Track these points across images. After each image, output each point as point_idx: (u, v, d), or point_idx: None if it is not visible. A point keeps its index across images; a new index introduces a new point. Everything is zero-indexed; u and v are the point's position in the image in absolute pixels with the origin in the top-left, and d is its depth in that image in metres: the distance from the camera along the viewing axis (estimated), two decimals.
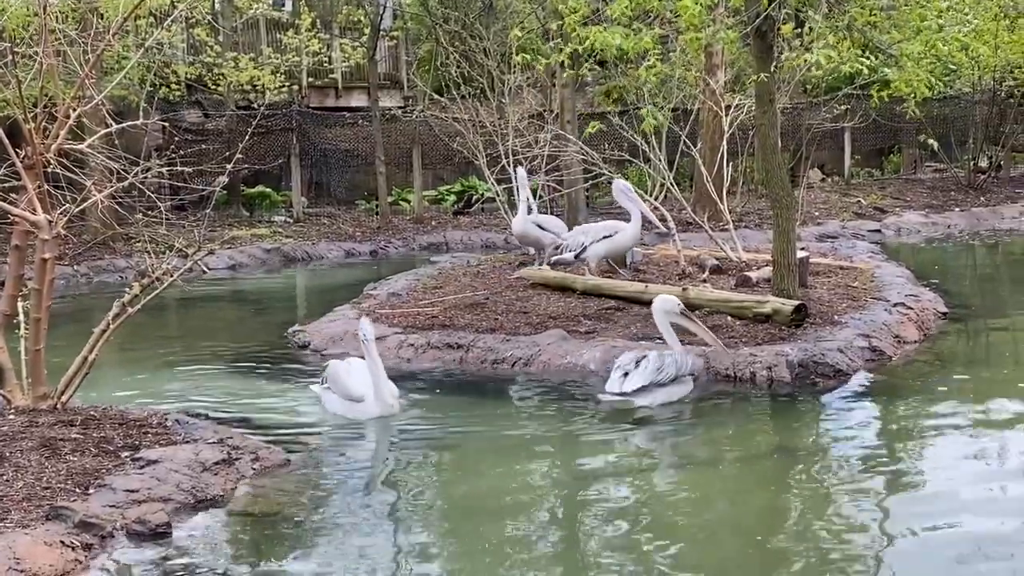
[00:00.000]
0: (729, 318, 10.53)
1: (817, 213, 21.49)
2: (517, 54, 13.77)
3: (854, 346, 9.60)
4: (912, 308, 11.21)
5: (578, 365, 9.68)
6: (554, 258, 13.10)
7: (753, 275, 12.16)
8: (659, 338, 10.09)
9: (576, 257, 12.60)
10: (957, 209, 22.58)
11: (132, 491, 6.20)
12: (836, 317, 10.54)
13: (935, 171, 26.48)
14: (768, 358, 9.15)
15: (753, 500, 6.57)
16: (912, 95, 11.38)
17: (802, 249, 12.31)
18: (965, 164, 24.93)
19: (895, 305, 11.20)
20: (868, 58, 10.63)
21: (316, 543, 5.91)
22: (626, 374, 8.70)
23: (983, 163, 25.20)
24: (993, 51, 21.84)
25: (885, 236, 20.37)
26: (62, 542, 5.50)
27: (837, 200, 22.99)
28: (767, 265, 11.94)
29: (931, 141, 21.67)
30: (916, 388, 8.87)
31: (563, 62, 13.53)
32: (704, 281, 12.28)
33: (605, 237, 12.52)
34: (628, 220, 12.62)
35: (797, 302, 10.26)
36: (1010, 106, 24.26)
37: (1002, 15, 21.80)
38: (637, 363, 8.72)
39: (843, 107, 21.29)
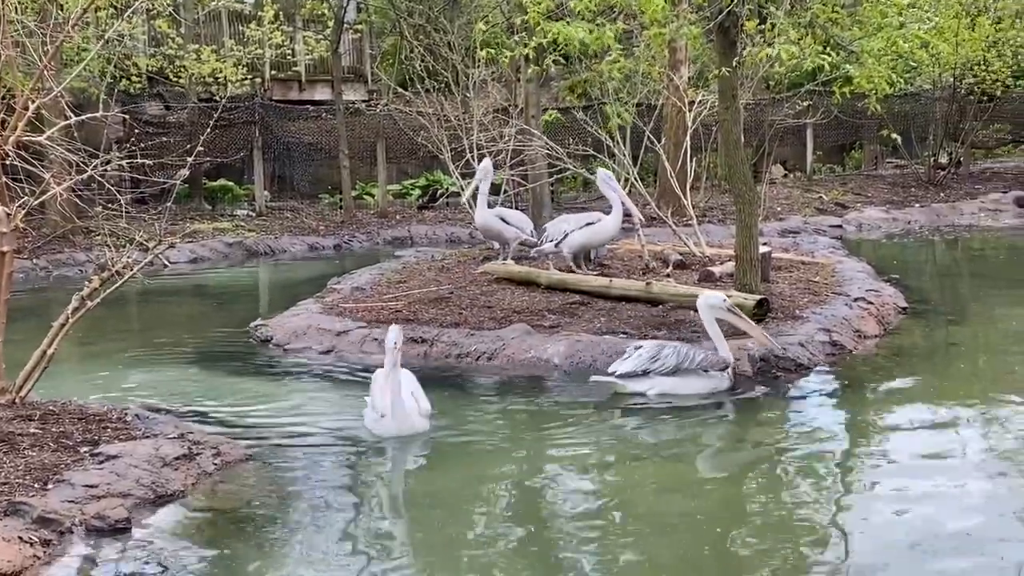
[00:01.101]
0: (692, 313, 10.54)
1: (779, 209, 21.62)
2: (481, 48, 13.77)
3: (815, 340, 9.68)
4: (872, 303, 11.31)
5: (542, 359, 9.69)
6: (535, 250, 13.11)
7: (716, 270, 12.22)
8: (624, 332, 10.14)
9: (556, 246, 12.60)
10: (917, 205, 22.79)
11: (91, 486, 6.14)
12: (797, 312, 10.62)
13: (896, 167, 26.72)
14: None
15: (713, 492, 6.61)
16: (873, 92, 11.46)
17: (764, 244, 12.38)
18: (925, 160, 25.16)
19: (856, 300, 11.29)
20: (829, 54, 10.70)
21: (277, 538, 5.89)
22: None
23: (943, 159, 25.44)
24: (953, 48, 22.05)
25: (846, 231, 20.54)
26: (20, 538, 5.44)
27: (799, 196, 23.15)
28: (730, 260, 12.00)
29: (894, 135, 21.86)
30: (876, 382, 8.95)
31: (527, 56, 13.53)
32: (668, 276, 12.33)
33: (587, 224, 12.54)
34: (603, 213, 12.68)
35: (759, 296, 10.32)
36: (970, 103, 24.50)
37: (963, 12, 22.04)
38: (637, 349, 8.72)
39: (805, 103, 21.43)
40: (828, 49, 11.12)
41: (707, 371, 8.71)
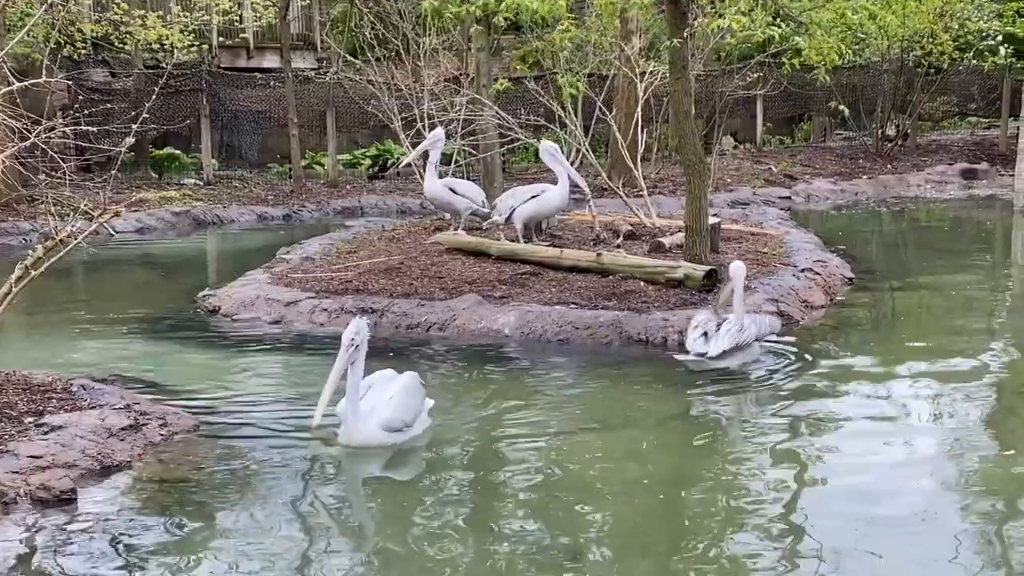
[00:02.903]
0: (642, 283, 10.62)
1: (729, 180, 21.74)
2: (428, 10, 13.68)
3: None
4: (820, 274, 11.43)
5: (492, 330, 9.71)
6: (485, 223, 13.08)
7: (666, 241, 12.28)
8: (574, 303, 10.16)
9: (506, 221, 12.60)
10: (865, 177, 23.03)
11: (36, 457, 6.07)
12: (746, 282, 10.67)
13: (844, 139, 26.97)
14: (680, 322, 9.25)
15: (662, 462, 6.66)
16: (822, 63, 11.54)
17: (714, 215, 12.46)
18: (873, 132, 25.40)
19: (803, 271, 11.40)
20: (779, 26, 10.75)
21: (223, 508, 5.85)
22: (705, 334, 8.57)
23: (891, 131, 25.71)
24: (901, 20, 22.21)
25: (795, 203, 20.72)
26: None
27: (749, 167, 23.28)
28: (680, 231, 12.07)
29: (843, 107, 21.99)
30: (822, 352, 9.05)
31: (477, 19, 13.46)
32: (618, 247, 12.37)
33: (532, 197, 12.54)
34: (552, 184, 12.68)
35: (708, 267, 10.39)
36: (917, 75, 24.73)
37: None
38: (718, 326, 8.57)
39: (755, 75, 21.52)
40: (778, 20, 11.17)
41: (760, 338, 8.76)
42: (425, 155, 13.82)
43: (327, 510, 5.92)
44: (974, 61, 24.83)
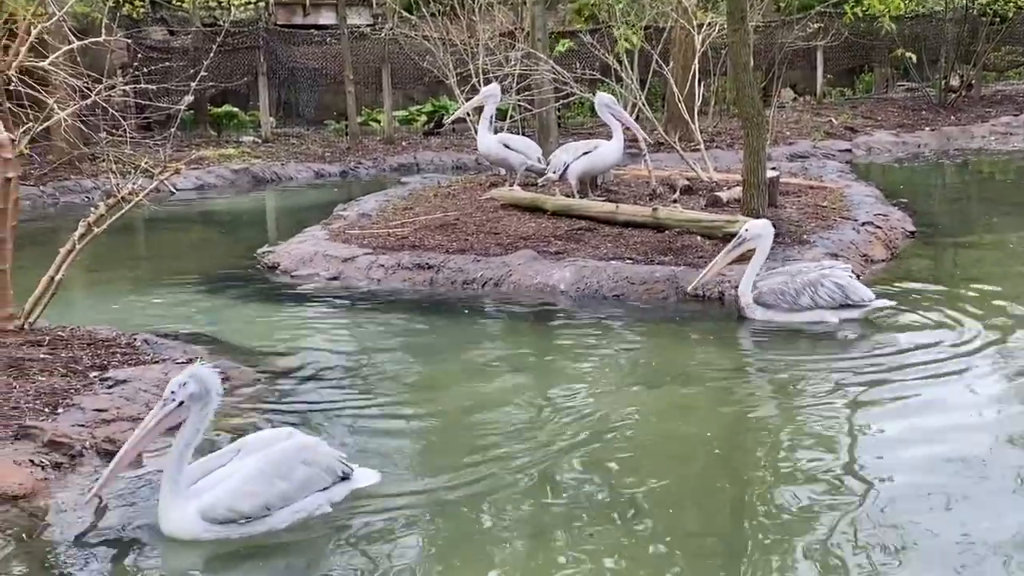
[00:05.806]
0: (699, 238, 10.56)
1: (788, 133, 21.44)
2: None
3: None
4: (880, 227, 11.28)
5: (548, 285, 9.71)
6: (540, 179, 13.06)
7: (723, 195, 12.17)
8: (630, 258, 10.13)
9: (560, 177, 12.56)
10: (928, 128, 22.60)
11: (101, 410, 6.21)
12: (805, 236, 10.59)
13: (907, 90, 26.45)
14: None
15: (719, 418, 6.64)
16: (885, 12, 11.31)
17: (772, 169, 12.32)
18: (936, 83, 24.90)
19: (863, 224, 11.26)
20: None
21: None
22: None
23: (954, 82, 25.17)
24: None
25: (855, 156, 20.40)
26: (31, 461, 5.51)
27: (809, 120, 22.95)
28: (737, 185, 11.95)
29: (909, 54, 21.50)
30: (883, 307, 8.93)
31: None
32: (675, 201, 12.28)
33: (584, 154, 12.47)
34: (607, 139, 12.60)
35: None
36: (981, 24, 24.17)
37: None
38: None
39: (816, 25, 21.17)
40: None
41: None
42: (480, 111, 13.76)
43: (389, 454, 5.94)
44: None
